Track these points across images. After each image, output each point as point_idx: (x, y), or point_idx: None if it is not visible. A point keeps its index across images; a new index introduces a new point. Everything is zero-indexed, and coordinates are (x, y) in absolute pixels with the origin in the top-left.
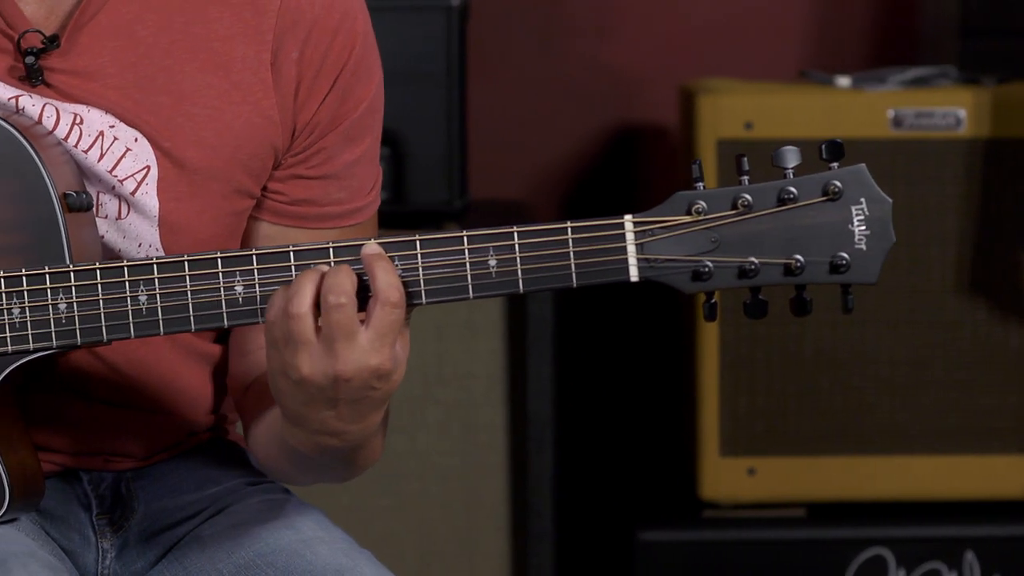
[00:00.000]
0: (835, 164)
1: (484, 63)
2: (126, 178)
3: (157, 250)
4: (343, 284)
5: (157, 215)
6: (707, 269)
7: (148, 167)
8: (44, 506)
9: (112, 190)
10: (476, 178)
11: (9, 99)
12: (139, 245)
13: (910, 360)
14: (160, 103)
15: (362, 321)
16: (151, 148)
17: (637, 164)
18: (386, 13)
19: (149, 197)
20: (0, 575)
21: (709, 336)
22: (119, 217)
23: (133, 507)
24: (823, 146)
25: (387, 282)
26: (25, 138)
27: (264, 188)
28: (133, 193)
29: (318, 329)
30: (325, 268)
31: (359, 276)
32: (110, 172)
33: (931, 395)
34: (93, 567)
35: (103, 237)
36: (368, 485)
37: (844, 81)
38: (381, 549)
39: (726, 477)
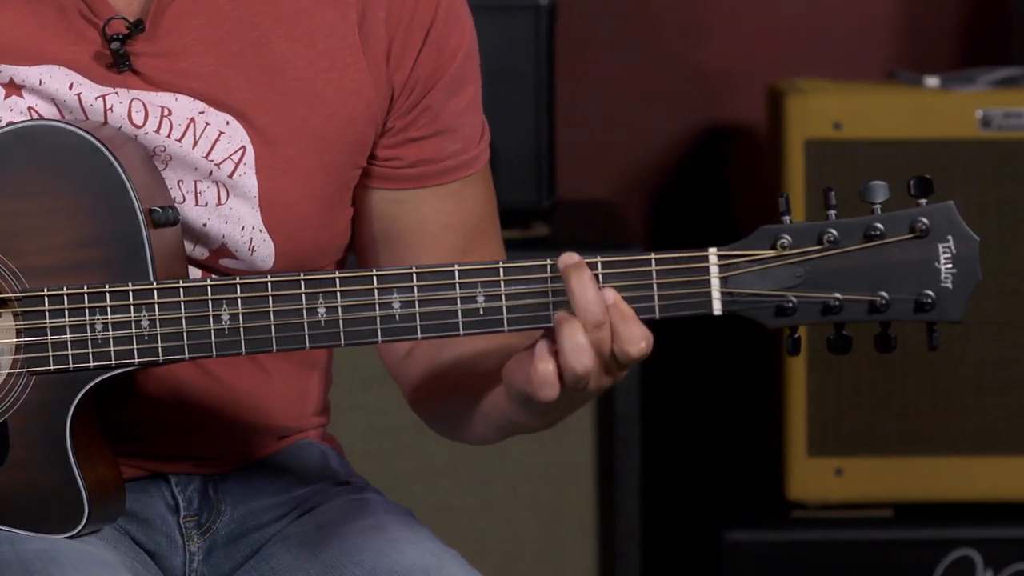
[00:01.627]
0: (923, 200)
1: (572, 63)
2: (222, 161)
3: (260, 231)
4: (608, 335)
5: (257, 195)
6: (791, 305)
7: (243, 147)
8: (130, 509)
9: (209, 176)
10: (564, 178)
11: (97, 98)
12: (242, 228)
13: (998, 360)
14: (249, 77)
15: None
16: (243, 128)
17: (725, 164)
18: (474, 13)
19: (247, 178)
20: None
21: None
22: (219, 203)
23: (220, 509)
24: (911, 182)
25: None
26: (111, 152)
27: (374, 157)
28: (231, 176)
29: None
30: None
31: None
32: (205, 157)
33: (1019, 395)
34: (180, 570)
35: (205, 225)
36: (455, 484)
37: (933, 81)
38: (467, 548)
39: (813, 477)
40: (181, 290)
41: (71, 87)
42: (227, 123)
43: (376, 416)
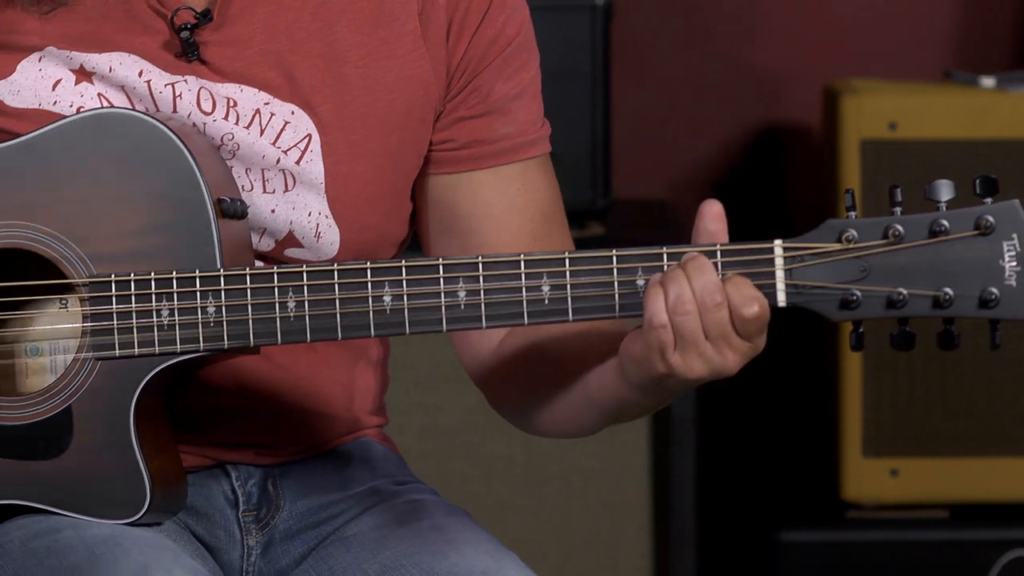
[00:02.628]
0: (988, 199)
1: (628, 62)
2: (289, 148)
3: (326, 217)
4: (717, 282)
5: (323, 182)
6: (855, 298)
7: (309, 135)
8: (190, 503)
9: (277, 163)
10: (619, 177)
11: (166, 86)
12: (308, 214)
13: None
14: (313, 66)
15: None
16: (308, 117)
17: (780, 164)
18: (531, 13)
19: (314, 164)
20: None
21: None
22: (286, 190)
23: (279, 504)
24: (977, 181)
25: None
26: (182, 141)
27: (431, 142)
28: (298, 163)
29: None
30: (690, 264)
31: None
32: (273, 144)
33: None
34: (238, 564)
35: (273, 212)
36: (511, 486)
37: (989, 82)
38: (523, 549)
39: (869, 478)
40: (248, 277)
41: (140, 74)
42: (292, 112)
43: (433, 416)
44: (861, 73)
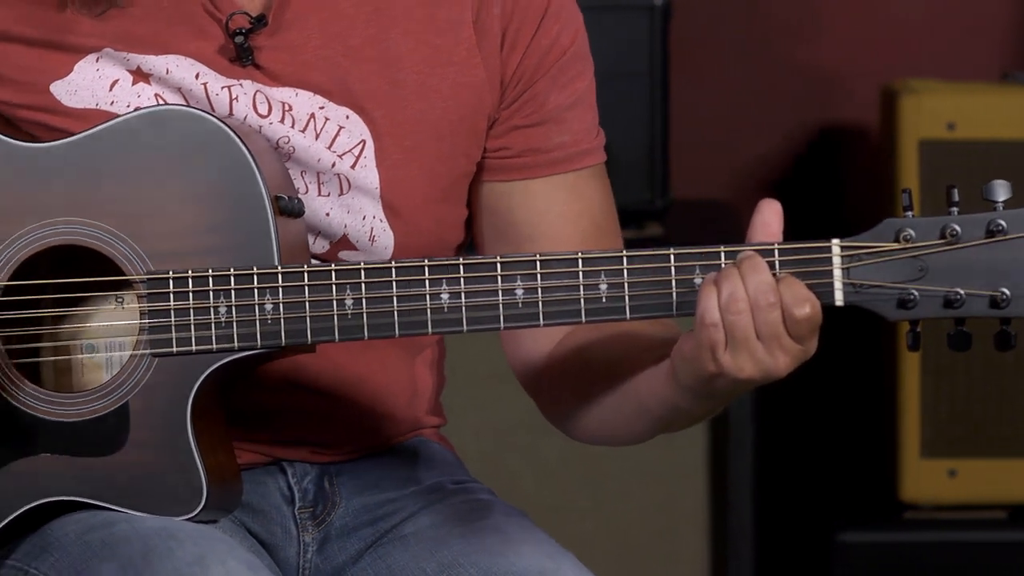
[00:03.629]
0: None
1: (686, 63)
2: (344, 153)
3: (381, 221)
4: (771, 282)
5: (378, 186)
6: (912, 297)
7: (363, 141)
8: (245, 499)
9: (332, 167)
10: (678, 178)
11: (222, 88)
12: (363, 218)
13: None
14: (367, 72)
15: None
16: (363, 122)
17: (838, 164)
18: (589, 13)
19: (368, 170)
20: (197, 571)
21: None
22: (341, 193)
23: (335, 501)
24: None
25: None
26: (241, 140)
27: (486, 149)
28: (352, 167)
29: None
30: (745, 263)
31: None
32: (328, 148)
33: None
34: (294, 561)
35: (328, 215)
36: (568, 486)
37: None
38: (580, 549)
39: (926, 479)
40: (305, 274)
41: (197, 76)
42: (347, 117)
43: (489, 417)
44: (919, 73)
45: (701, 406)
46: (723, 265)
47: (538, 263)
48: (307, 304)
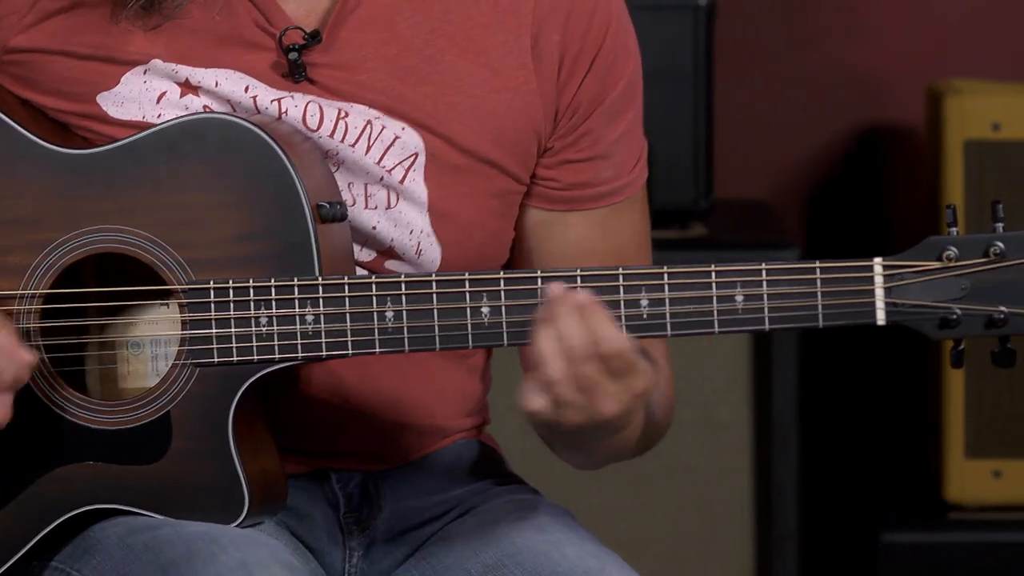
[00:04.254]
0: None
1: (731, 63)
2: (394, 167)
3: (428, 236)
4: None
5: (426, 201)
6: (955, 317)
7: (415, 154)
8: (290, 504)
9: (380, 180)
10: (722, 178)
11: (272, 101)
12: (410, 232)
13: None
14: (423, 93)
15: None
16: (418, 136)
17: (883, 165)
18: (634, 12)
19: (417, 184)
20: None
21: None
22: (389, 206)
23: (380, 506)
24: None
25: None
26: (280, 147)
27: (535, 176)
28: (402, 181)
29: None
30: (567, 311)
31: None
32: (378, 163)
33: None
34: (340, 566)
35: (374, 228)
36: (611, 486)
37: None
38: (624, 549)
39: (971, 479)
40: (347, 286)
41: (247, 90)
42: (402, 129)
43: None
44: (964, 74)
45: (569, 450)
46: (764, 283)
47: (579, 278)
48: (348, 316)
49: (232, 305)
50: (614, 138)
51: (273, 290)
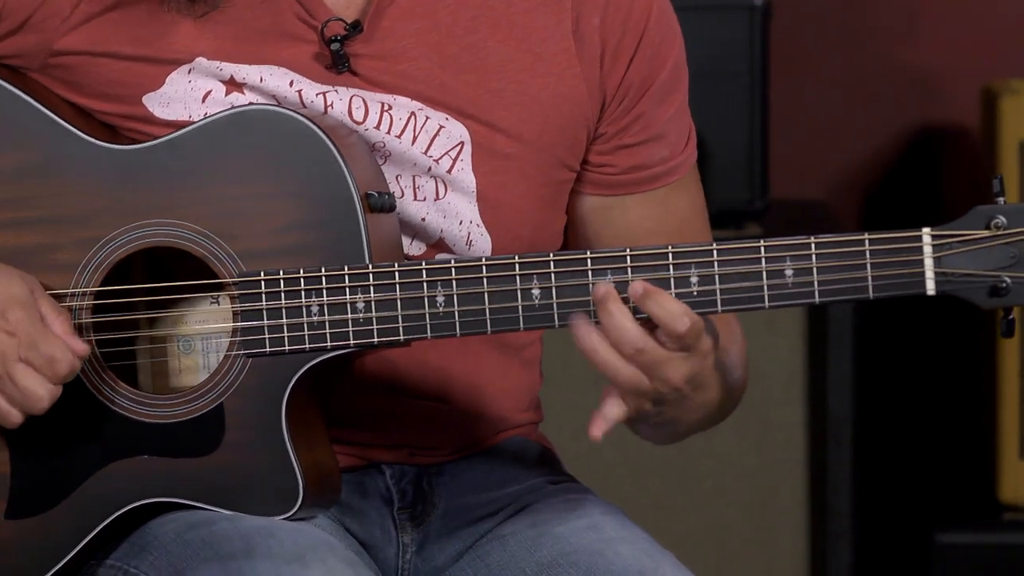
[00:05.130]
0: None
1: (786, 63)
2: (441, 156)
3: (478, 226)
4: (632, 330)
5: (475, 190)
6: (1005, 285)
7: (462, 143)
8: (344, 500)
9: (428, 171)
10: (777, 178)
11: (317, 95)
12: (459, 223)
13: None
14: (466, 81)
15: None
16: (462, 125)
17: (939, 165)
18: (689, 13)
19: (465, 173)
20: (297, 571)
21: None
22: (437, 198)
23: (434, 502)
24: None
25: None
26: (328, 137)
27: (587, 162)
28: (449, 171)
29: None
30: (605, 320)
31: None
32: (424, 153)
33: None
34: (393, 561)
35: (423, 220)
36: (665, 484)
37: None
38: (678, 548)
39: None
40: (396, 273)
41: (291, 84)
42: (446, 119)
43: (587, 415)
44: (1020, 74)
45: (652, 431)
46: (814, 256)
47: (628, 256)
48: (399, 302)
49: (283, 295)
50: (666, 118)
51: (324, 278)
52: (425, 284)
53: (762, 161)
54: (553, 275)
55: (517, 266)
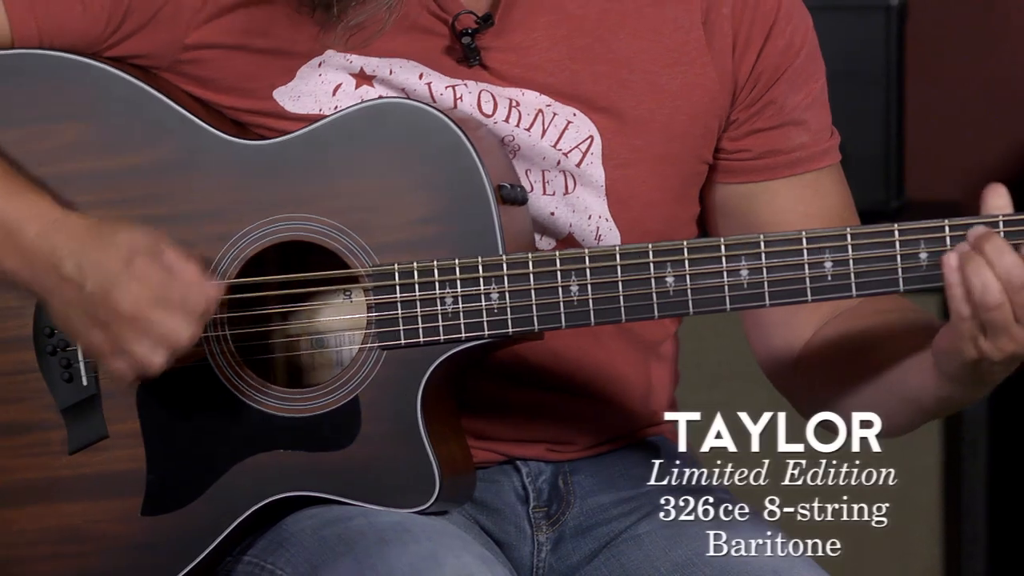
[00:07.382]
0: None
1: (922, 63)
2: (570, 150)
3: (607, 220)
4: (1018, 261)
5: (604, 184)
6: None
7: (591, 137)
8: (479, 497)
9: (557, 165)
10: (913, 178)
11: (447, 88)
12: (588, 217)
13: None
14: (596, 73)
15: None
16: (590, 121)
17: None
18: (825, 13)
19: (594, 167)
20: (431, 567)
21: None
22: (566, 192)
23: (570, 501)
24: None
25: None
26: (461, 130)
27: (722, 150)
28: (579, 165)
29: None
30: (988, 246)
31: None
32: (554, 146)
33: None
34: (528, 560)
35: (552, 214)
36: (796, 485)
37: None
38: (812, 548)
39: None
40: (531, 262)
41: (421, 77)
42: (574, 114)
43: (723, 414)
44: None
45: (971, 392)
46: (948, 240)
47: (762, 243)
48: (533, 292)
49: (417, 287)
50: (804, 105)
51: (457, 269)
52: (559, 274)
53: (898, 161)
54: (687, 262)
55: (651, 253)
